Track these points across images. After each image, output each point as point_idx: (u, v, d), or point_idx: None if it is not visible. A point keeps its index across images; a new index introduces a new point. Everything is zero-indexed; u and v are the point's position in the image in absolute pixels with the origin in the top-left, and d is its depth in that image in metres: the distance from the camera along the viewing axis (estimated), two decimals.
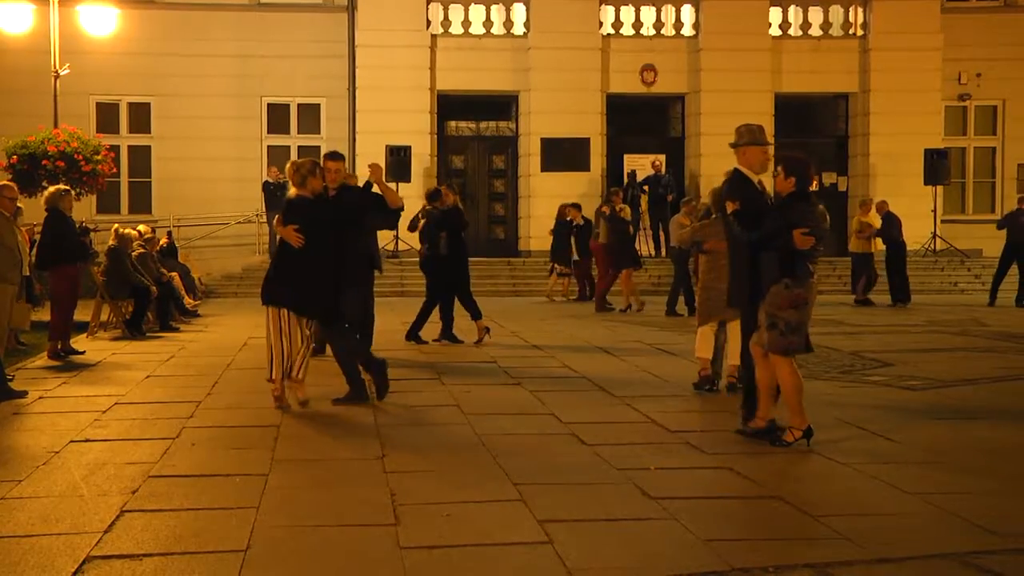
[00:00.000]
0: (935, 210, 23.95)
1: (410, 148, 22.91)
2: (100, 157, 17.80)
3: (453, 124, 25.46)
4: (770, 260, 6.73)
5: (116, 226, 14.58)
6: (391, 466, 6.29)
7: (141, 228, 15.55)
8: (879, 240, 18.82)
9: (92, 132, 21.85)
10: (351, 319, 9.02)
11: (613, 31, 24.75)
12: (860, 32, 25.21)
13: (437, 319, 12.75)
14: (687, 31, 24.86)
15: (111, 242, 13.95)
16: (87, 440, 7.09)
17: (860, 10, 25.23)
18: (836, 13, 25.26)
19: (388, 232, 22.12)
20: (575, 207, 19.91)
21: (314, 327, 8.46)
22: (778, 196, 6.96)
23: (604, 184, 24.38)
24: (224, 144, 24.35)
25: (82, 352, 11.65)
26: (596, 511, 5.32)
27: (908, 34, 24.48)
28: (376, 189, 8.74)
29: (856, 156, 25.51)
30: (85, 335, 13.21)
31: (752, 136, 7.31)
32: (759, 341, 6.84)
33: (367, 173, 8.78)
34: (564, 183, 23.51)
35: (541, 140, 24.30)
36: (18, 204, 10.14)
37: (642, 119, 25.84)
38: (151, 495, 5.66)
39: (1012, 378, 9.95)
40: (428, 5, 24.29)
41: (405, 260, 22.11)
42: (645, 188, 23.88)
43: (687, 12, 24.85)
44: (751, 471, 6.15)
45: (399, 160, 22.57)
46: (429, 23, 24.28)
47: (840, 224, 23.19)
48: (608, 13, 24.74)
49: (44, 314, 12.42)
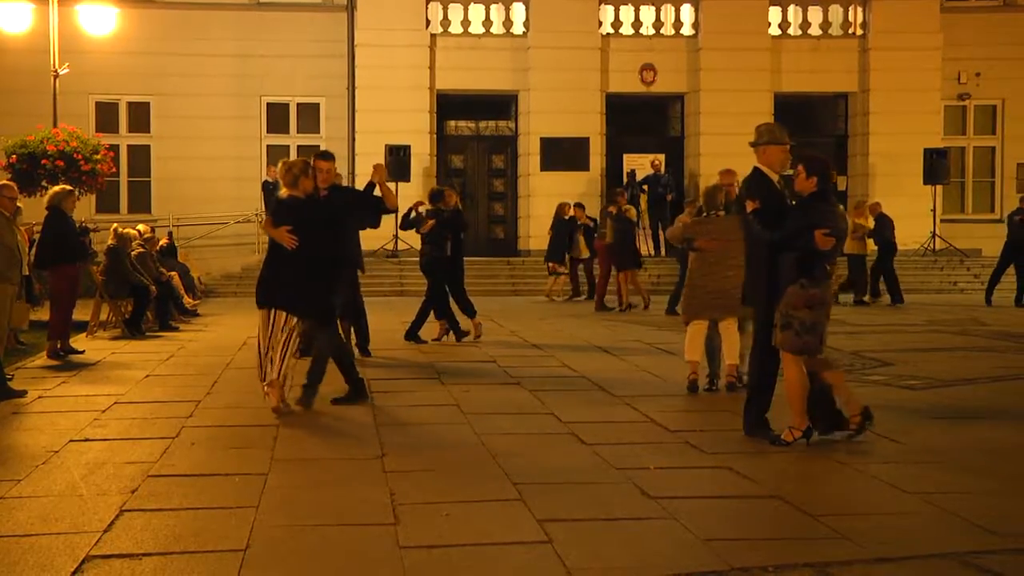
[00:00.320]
0: (934, 210, 23.94)
1: (409, 148, 22.90)
2: (99, 156, 17.80)
3: (452, 124, 25.44)
4: (788, 260, 6.71)
5: (115, 226, 14.57)
6: (390, 466, 6.29)
7: (140, 228, 15.54)
8: (872, 241, 18.85)
9: (91, 131, 21.83)
10: (341, 319, 9.02)
11: (612, 30, 24.74)
12: (859, 32, 25.21)
13: (432, 318, 12.86)
14: (686, 30, 24.85)
15: (110, 242, 13.93)
16: (86, 439, 7.09)
17: (859, 9, 25.22)
18: (835, 12, 25.25)
19: (388, 232, 22.15)
20: (579, 207, 19.94)
21: (301, 329, 8.27)
22: (798, 196, 6.92)
23: (604, 184, 24.39)
24: (224, 143, 24.33)
25: (81, 351, 11.64)
26: (596, 511, 5.31)
27: (907, 34, 24.48)
28: (378, 190, 8.73)
29: (855, 156, 25.50)
30: (84, 334, 13.20)
31: (772, 135, 7.25)
32: (777, 342, 6.79)
33: (371, 173, 8.79)
34: (564, 183, 23.50)
35: (540, 140, 24.28)
36: (18, 204, 10.12)
37: (641, 119, 25.82)
38: (150, 494, 5.66)
39: (1012, 377, 9.96)
40: (427, 4, 24.27)
41: (404, 260, 22.11)
42: (644, 188, 23.89)
43: (686, 11, 24.84)
44: (750, 471, 6.15)
45: (398, 160, 22.56)
46: (428, 22, 24.27)
47: None
48: (607, 12, 24.73)
49: (44, 313, 12.42)
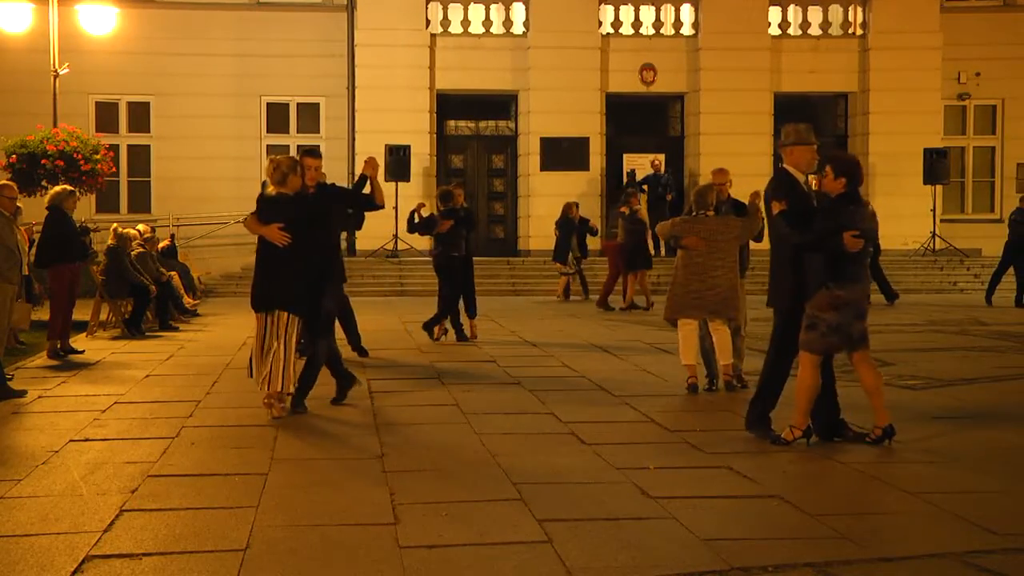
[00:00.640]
0: (934, 209, 23.96)
1: (409, 147, 22.90)
2: (99, 156, 17.77)
3: (452, 123, 25.43)
4: (816, 262, 6.69)
5: (115, 225, 14.57)
6: (390, 465, 6.29)
7: (140, 227, 15.53)
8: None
9: (91, 131, 21.81)
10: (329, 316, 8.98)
11: (612, 30, 24.74)
12: (859, 31, 25.21)
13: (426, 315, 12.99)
14: (686, 30, 24.85)
15: (110, 241, 13.93)
16: (86, 439, 7.09)
17: (859, 9, 25.22)
18: (835, 12, 25.25)
19: (388, 232, 22.14)
20: (575, 205, 19.99)
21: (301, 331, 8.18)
22: (826, 196, 6.89)
23: (603, 184, 24.41)
24: (223, 143, 24.32)
25: (81, 351, 11.65)
26: (596, 510, 5.31)
27: (907, 33, 24.48)
28: (369, 185, 8.69)
29: (855, 155, 25.45)
30: (84, 334, 13.20)
31: (799, 136, 7.22)
32: (801, 342, 6.75)
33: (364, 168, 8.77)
34: (563, 182, 23.51)
35: (540, 139, 24.28)
36: (17, 204, 10.12)
37: (641, 118, 25.81)
38: (150, 494, 5.66)
39: (1012, 377, 9.96)
40: (427, 4, 24.27)
41: (404, 260, 22.12)
42: (644, 187, 23.88)
43: (686, 11, 24.84)
44: (750, 471, 6.15)
45: (398, 159, 22.57)
46: (428, 22, 24.26)
47: None
48: (607, 12, 24.73)
49: (43, 313, 12.42)
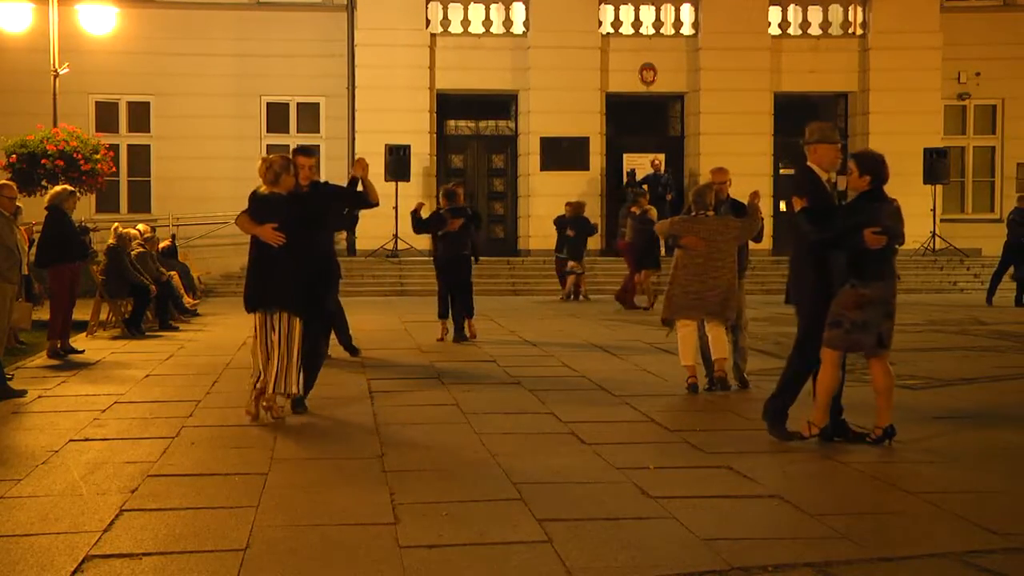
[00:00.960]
0: (934, 209, 23.94)
1: (409, 147, 22.88)
2: (99, 156, 17.77)
3: (452, 123, 25.42)
4: (839, 260, 6.69)
5: (116, 225, 14.57)
6: (390, 465, 6.29)
7: (141, 227, 15.53)
8: None
9: (91, 131, 21.81)
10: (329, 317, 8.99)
11: (612, 30, 24.73)
12: (859, 31, 25.19)
13: (433, 317, 12.98)
14: (686, 30, 24.84)
15: (110, 241, 13.93)
16: (86, 439, 7.09)
17: (859, 9, 25.21)
18: (835, 12, 25.23)
19: (388, 232, 22.16)
20: (584, 205, 20.19)
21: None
22: (852, 194, 6.87)
23: (603, 183, 24.40)
24: (223, 143, 24.30)
25: (81, 351, 11.64)
26: (596, 510, 5.31)
27: (907, 33, 24.47)
28: (360, 185, 8.68)
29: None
30: (84, 334, 13.20)
31: (822, 134, 7.24)
32: (825, 339, 6.72)
33: (367, 172, 8.75)
34: (563, 182, 23.49)
35: (540, 139, 24.27)
36: (17, 203, 10.13)
37: (641, 118, 25.79)
38: (150, 494, 5.66)
39: (1011, 377, 9.95)
40: (427, 4, 24.25)
41: (404, 260, 22.11)
42: (644, 187, 23.86)
43: (686, 11, 24.83)
44: (750, 470, 6.15)
45: (398, 159, 22.55)
46: (428, 22, 24.25)
47: None
48: (607, 12, 24.72)
49: (43, 313, 12.42)
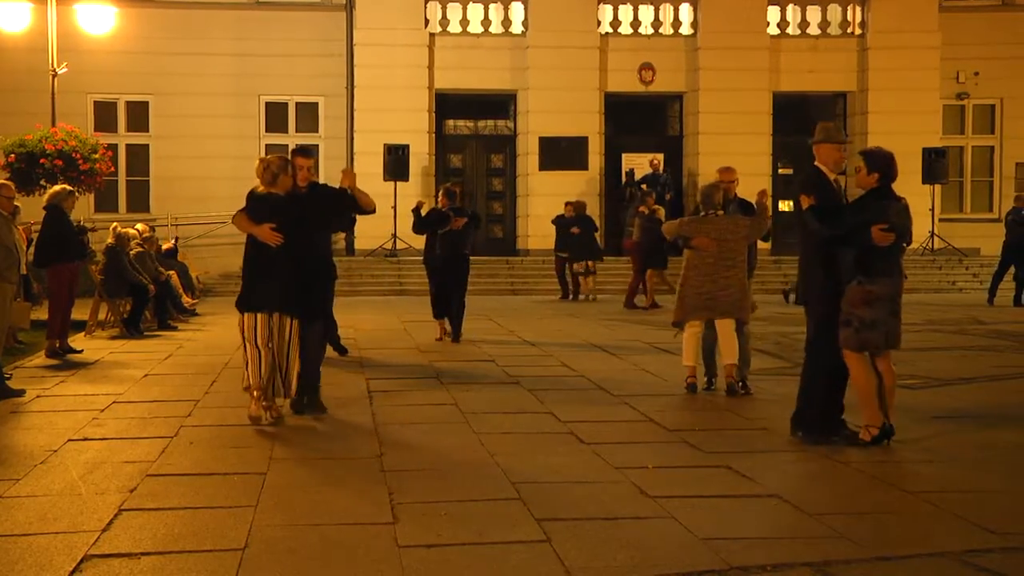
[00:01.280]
0: (933, 209, 23.92)
1: (408, 147, 22.87)
2: (98, 156, 17.79)
3: (451, 123, 25.41)
4: (847, 257, 6.70)
5: (114, 225, 14.55)
6: (389, 464, 6.28)
7: (139, 227, 15.52)
8: None
9: (90, 131, 21.82)
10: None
11: (611, 30, 24.72)
12: (858, 31, 25.19)
13: (429, 317, 13.00)
14: (685, 30, 24.84)
15: (109, 241, 13.92)
16: (85, 439, 7.09)
17: (858, 9, 25.21)
18: (834, 12, 25.23)
19: (387, 232, 22.17)
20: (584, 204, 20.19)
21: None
22: (860, 192, 6.89)
23: (603, 183, 24.40)
24: (222, 143, 24.28)
25: (80, 351, 11.64)
26: (595, 510, 5.31)
27: (906, 33, 24.47)
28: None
29: (854, 155, 25.40)
30: (83, 334, 13.19)
31: (827, 133, 7.29)
32: (840, 340, 6.72)
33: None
34: (562, 182, 23.48)
35: (539, 139, 24.25)
36: (16, 203, 10.12)
37: (640, 118, 25.78)
38: (149, 494, 5.65)
39: (1010, 377, 9.96)
40: (426, 4, 24.24)
41: (404, 260, 22.10)
42: (643, 187, 23.88)
43: (685, 11, 24.82)
44: (749, 470, 6.15)
45: (397, 159, 22.55)
46: (427, 22, 24.24)
47: None
48: (606, 12, 24.71)
49: (42, 313, 12.41)
